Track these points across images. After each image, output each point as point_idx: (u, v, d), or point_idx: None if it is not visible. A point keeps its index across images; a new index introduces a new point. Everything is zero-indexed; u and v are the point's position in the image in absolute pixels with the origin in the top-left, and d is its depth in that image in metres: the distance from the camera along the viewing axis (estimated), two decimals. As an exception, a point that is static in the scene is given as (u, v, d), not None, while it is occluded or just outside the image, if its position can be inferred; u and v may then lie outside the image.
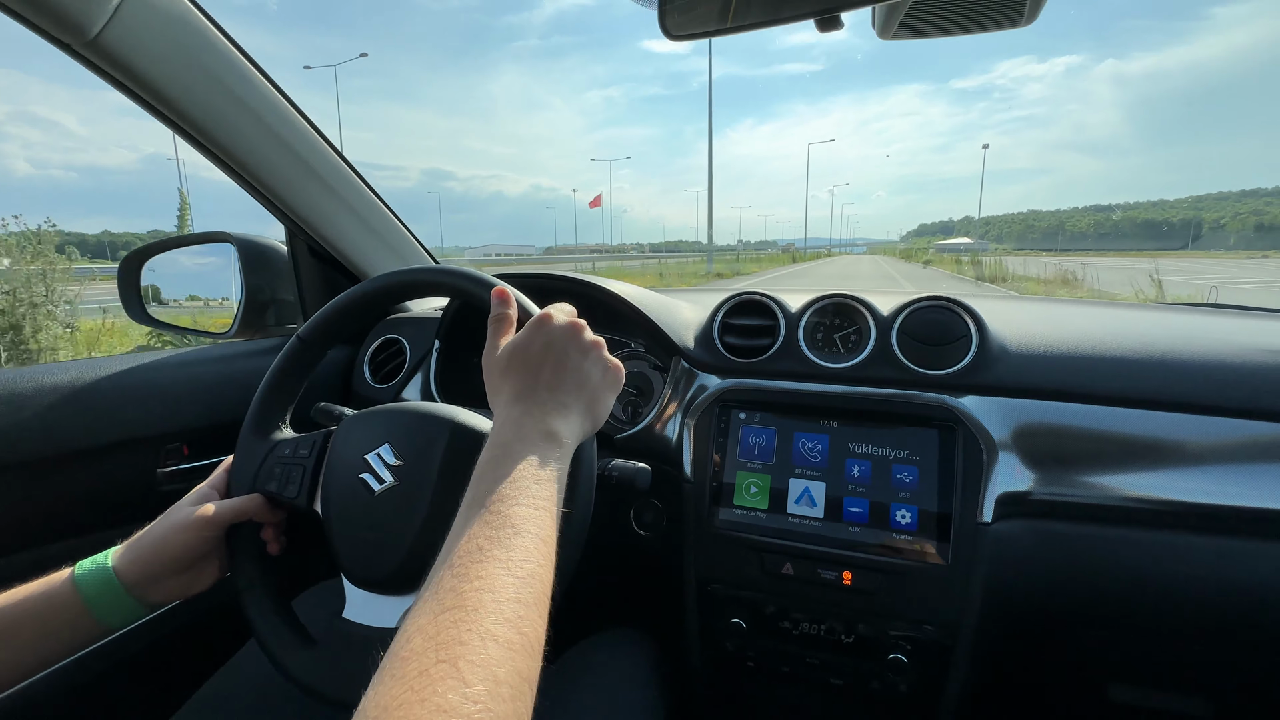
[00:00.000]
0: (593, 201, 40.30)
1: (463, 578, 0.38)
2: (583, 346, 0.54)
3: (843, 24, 0.53)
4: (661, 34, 0.59)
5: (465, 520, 0.43)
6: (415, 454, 0.59)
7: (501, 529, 0.41)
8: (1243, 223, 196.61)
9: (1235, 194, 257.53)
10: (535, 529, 0.42)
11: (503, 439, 0.48)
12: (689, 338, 0.93)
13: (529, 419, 0.50)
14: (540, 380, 0.52)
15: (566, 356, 0.53)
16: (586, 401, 0.54)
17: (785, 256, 64.31)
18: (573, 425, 0.52)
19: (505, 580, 0.38)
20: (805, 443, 0.83)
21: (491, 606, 0.36)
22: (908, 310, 0.84)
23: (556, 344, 0.53)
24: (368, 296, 0.67)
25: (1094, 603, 0.76)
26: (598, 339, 0.56)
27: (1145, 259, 52.79)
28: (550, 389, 0.52)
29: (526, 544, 0.41)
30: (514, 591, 0.38)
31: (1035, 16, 0.59)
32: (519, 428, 0.49)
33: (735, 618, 0.85)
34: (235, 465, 0.65)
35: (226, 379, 1.00)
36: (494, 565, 0.39)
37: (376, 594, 0.58)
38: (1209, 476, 0.71)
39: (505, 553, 0.40)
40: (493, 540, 0.40)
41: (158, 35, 0.74)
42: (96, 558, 0.56)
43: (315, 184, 1.02)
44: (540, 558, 0.41)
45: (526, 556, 0.40)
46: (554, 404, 0.51)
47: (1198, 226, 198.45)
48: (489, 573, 0.38)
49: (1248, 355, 0.75)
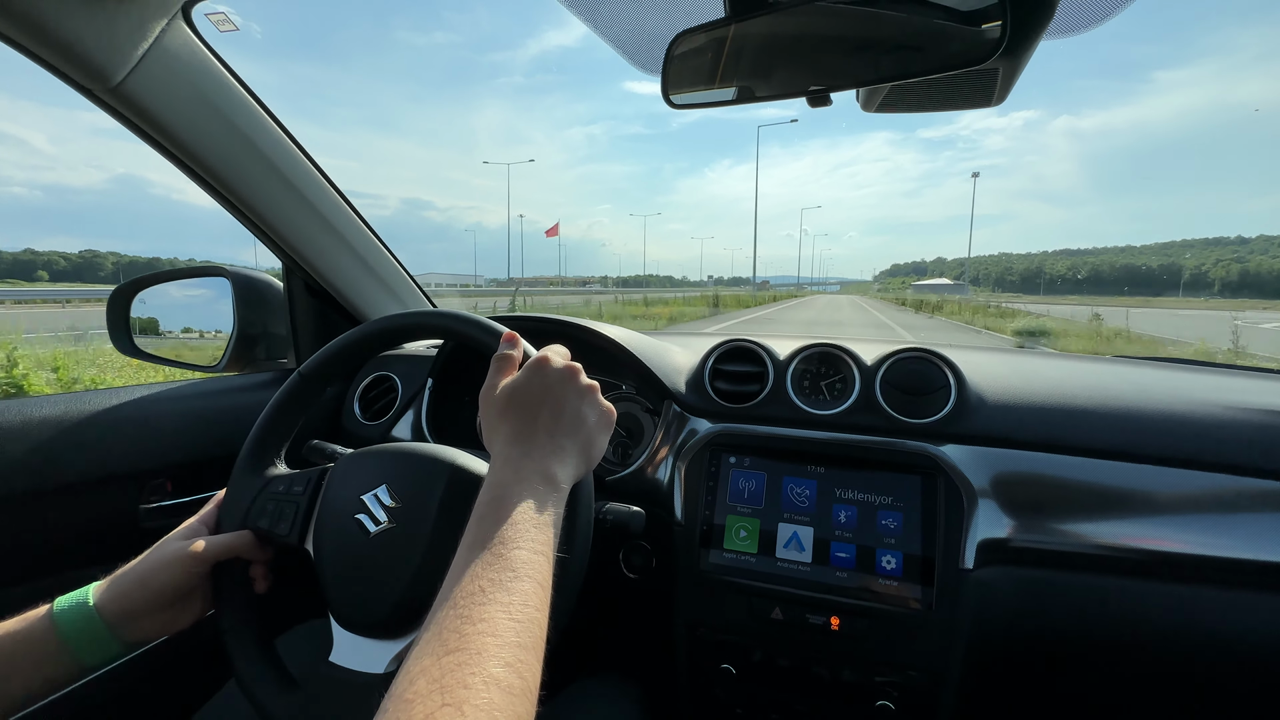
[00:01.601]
0: (549, 230, 39.12)
1: (466, 619, 0.38)
2: (579, 390, 0.56)
3: (831, 101, 0.58)
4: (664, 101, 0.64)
5: (466, 561, 0.43)
6: (413, 496, 0.59)
7: (503, 572, 0.42)
8: (1226, 269, 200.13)
9: (1199, 241, 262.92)
10: (534, 573, 0.43)
11: (501, 480, 0.49)
12: (680, 382, 0.95)
13: (527, 461, 0.51)
14: (538, 423, 0.53)
15: (564, 400, 0.55)
16: (582, 444, 0.55)
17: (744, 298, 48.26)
18: (569, 468, 0.53)
19: (507, 624, 0.39)
20: (794, 487, 0.85)
21: (494, 650, 0.37)
22: (890, 360, 0.88)
23: (555, 387, 0.55)
24: (372, 337, 0.68)
25: (1074, 649, 0.78)
26: (593, 383, 0.57)
27: (1153, 306, 49.62)
28: (548, 432, 0.53)
29: (526, 588, 0.42)
30: (514, 635, 0.38)
31: (1004, 98, 0.65)
32: (518, 470, 0.50)
33: (724, 663, 0.85)
34: (227, 500, 0.64)
35: (215, 414, 0.99)
36: (496, 609, 0.39)
37: (366, 638, 0.57)
38: (1176, 526, 0.74)
39: (506, 596, 0.40)
40: (494, 583, 0.41)
41: (179, 83, 0.77)
42: (77, 593, 0.54)
43: (317, 223, 1.05)
44: (539, 602, 0.42)
45: (526, 601, 0.41)
46: (551, 447, 0.52)
47: (1176, 273, 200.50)
48: (491, 615, 0.39)
49: (1208, 410, 0.79)
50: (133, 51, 0.69)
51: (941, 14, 0.54)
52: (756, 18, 0.58)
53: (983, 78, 0.60)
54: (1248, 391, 0.84)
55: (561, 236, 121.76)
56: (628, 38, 0.73)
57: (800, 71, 0.59)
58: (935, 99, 0.63)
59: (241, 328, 1.13)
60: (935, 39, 0.53)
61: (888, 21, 0.54)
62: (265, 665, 0.58)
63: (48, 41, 0.62)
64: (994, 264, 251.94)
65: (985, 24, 0.51)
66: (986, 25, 0.51)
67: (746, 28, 0.59)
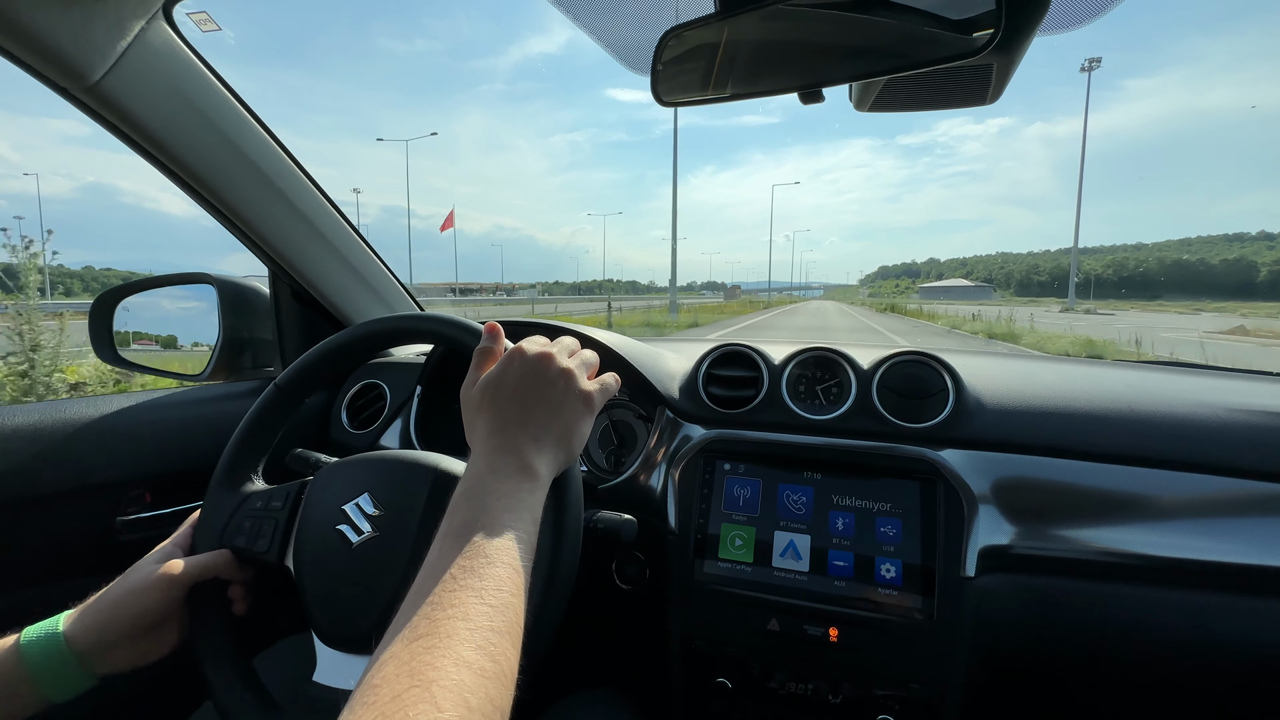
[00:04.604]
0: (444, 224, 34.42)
1: (436, 605, 0.38)
2: (553, 377, 0.54)
3: (824, 97, 0.57)
4: (654, 100, 0.63)
5: (438, 551, 0.43)
6: (396, 503, 0.57)
7: (475, 558, 0.41)
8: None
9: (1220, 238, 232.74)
10: (508, 559, 0.42)
11: (477, 472, 0.49)
12: (674, 388, 0.94)
13: (503, 453, 0.50)
14: (511, 414, 0.52)
15: (540, 389, 0.53)
16: (559, 432, 0.53)
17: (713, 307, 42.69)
18: (546, 457, 0.52)
19: (479, 608, 0.38)
20: (789, 494, 0.83)
21: (465, 634, 0.36)
22: (887, 364, 0.86)
23: (529, 375, 0.54)
24: (349, 344, 0.66)
25: (1079, 658, 0.76)
26: (567, 367, 0.55)
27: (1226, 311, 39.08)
28: (521, 422, 0.52)
29: (500, 573, 0.41)
30: (487, 620, 0.38)
31: (999, 95, 0.65)
32: (493, 461, 0.49)
33: (720, 677, 0.82)
34: (202, 519, 0.62)
35: (198, 423, 0.97)
36: (467, 594, 0.39)
37: (351, 654, 0.55)
38: (1181, 531, 0.73)
39: (479, 581, 0.40)
40: (466, 569, 0.40)
41: (159, 83, 0.75)
42: (46, 623, 0.52)
43: (303, 228, 1.03)
44: (514, 587, 0.41)
45: (500, 585, 0.40)
46: (526, 437, 0.51)
47: (1251, 270, 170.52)
48: (462, 600, 0.38)
49: (1211, 412, 0.78)
50: (111, 50, 0.67)
51: (936, 8, 0.53)
52: (747, 14, 0.57)
53: (976, 74, 0.59)
54: (1250, 394, 0.83)
55: (544, 242, 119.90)
56: (617, 38, 0.72)
57: (791, 68, 0.58)
58: (929, 97, 0.62)
59: (227, 335, 1.10)
60: (929, 33, 0.52)
61: (881, 16, 0.53)
62: (245, 690, 0.56)
63: (20, 37, 0.60)
64: (993, 263, 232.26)
65: (979, 18, 0.51)
66: (981, 19, 0.50)
67: (737, 24, 0.58)
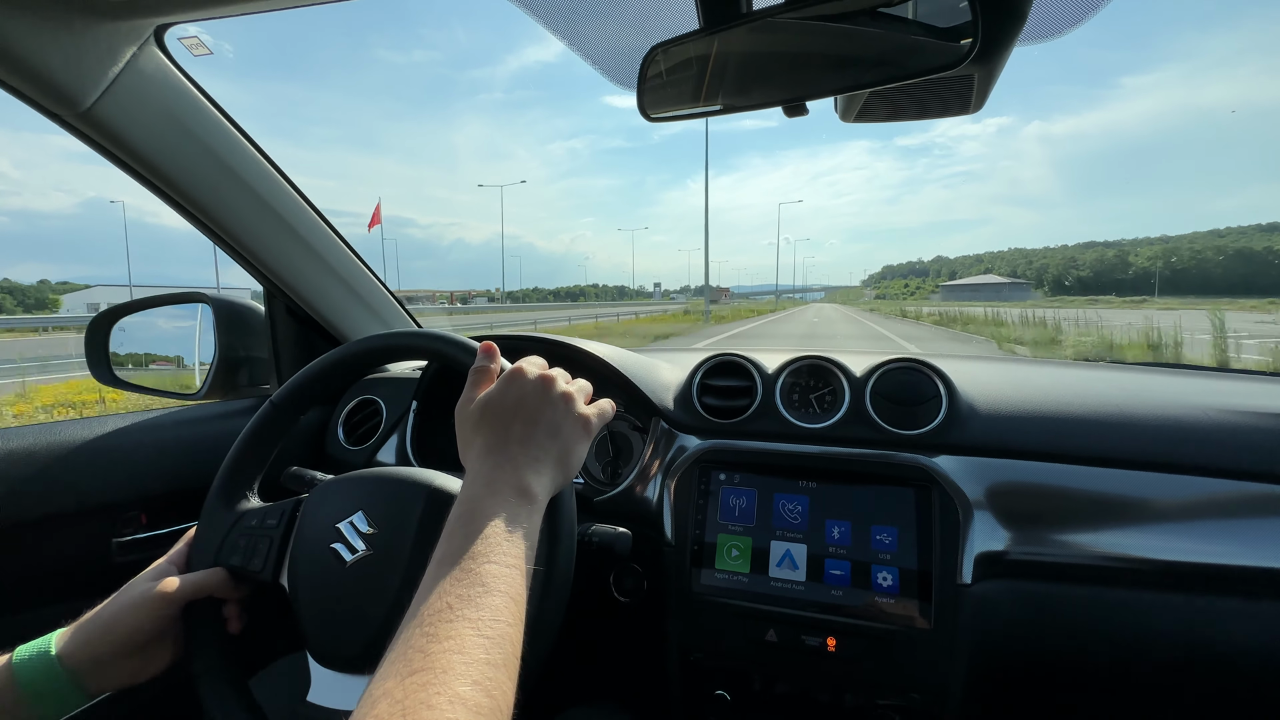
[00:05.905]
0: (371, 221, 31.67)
1: (432, 638, 0.37)
2: (554, 399, 0.54)
3: (808, 110, 0.58)
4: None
5: (435, 577, 0.42)
6: (390, 521, 0.57)
7: (472, 587, 0.40)
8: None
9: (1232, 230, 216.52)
10: (506, 587, 0.42)
11: (473, 494, 0.48)
12: (668, 399, 0.94)
13: (500, 474, 0.49)
14: (511, 435, 0.52)
15: (539, 410, 0.53)
16: (558, 455, 0.53)
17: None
18: (544, 480, 0.51)
19: (475, 641, 0.37)
20: (785, 504, 0.83)
21: (460, 669, 0.35)
22: (879, 371, 0.86)
23: (529, 397, 0.53)
24: (344, 361, 0.66)
25: (1078, 664, 0.76)
26: (568, 391, 0.56)
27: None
28: (522, 443, 0.51)
29: (497, 603, 0.40)
30: (483, 653, 0.37)
31: (982, 105, 0.65)
32: (490, 483, 0.48)
33: (719, 690, 0.82)
34: (197, 537, 0.62)
35: (193, 443, 0.97)
36: (464, 625, 0.38)
37: (346, 674, 0.55)
38: (1177, 534, 0.73)
39: (475, 612, 0.39)
40: (463, 599, 0.39)
41: (152, 107, 0.76)
42: (38, 642, 0.52)
43: (297, 246, 1.03)
44: (510, 617, 0.41)
45: (497, 616, 0.40)
46: (526, 459, 0.51)
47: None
48: (459, 632, 0.37)
49: (1203, 414, 0.78)
50: (103, 76, 0.68)
51: (916, 21, 0.54)
52: (730, 30, 0.57)
53: (959, 84, 0.60)
54: (1241, 395, 0.83)
55: (545, 250, 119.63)
56: (604, 53, 0.73)
57: (775, 82, 0.59)
58: (912, 107, 0.63)
59: (223, 354, 1.11)
60: (910, 45, 0.53)
61: (861, 30, 0.54)
62: (241, 710, 0.56)
63: (12, 64, 0.61)
64: (1018, 258, 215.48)
65: (959, 29, 0.51)
66: (960, 30, 0.51)
67: (721, 40, 0.59)
